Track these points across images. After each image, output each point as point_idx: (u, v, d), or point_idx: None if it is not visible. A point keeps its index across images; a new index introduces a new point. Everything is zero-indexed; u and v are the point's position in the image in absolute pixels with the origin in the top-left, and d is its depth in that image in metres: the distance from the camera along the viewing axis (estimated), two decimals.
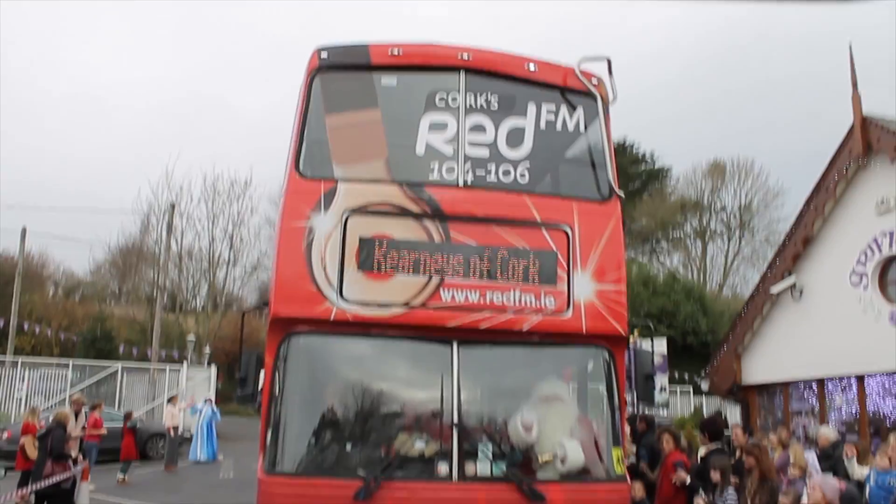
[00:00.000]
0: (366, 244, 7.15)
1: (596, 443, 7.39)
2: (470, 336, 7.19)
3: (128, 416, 23.77)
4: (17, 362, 33.78)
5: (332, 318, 7.00)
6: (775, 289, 20.99)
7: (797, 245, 20.78)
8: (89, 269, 55.33)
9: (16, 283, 37.74)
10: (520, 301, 7.21)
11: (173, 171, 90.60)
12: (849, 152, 19.23)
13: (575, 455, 7.06)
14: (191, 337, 42.15)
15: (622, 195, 7.74)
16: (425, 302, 7.10)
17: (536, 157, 7.77)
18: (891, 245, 18.51)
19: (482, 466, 6.96)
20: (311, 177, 7.49)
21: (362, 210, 7.25)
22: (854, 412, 19.66)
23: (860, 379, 19.58)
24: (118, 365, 35.65)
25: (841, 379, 19.99)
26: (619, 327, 7.37)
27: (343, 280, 7.08)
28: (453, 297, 7.13)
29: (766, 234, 56.09)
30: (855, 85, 18.95)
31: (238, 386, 7.42)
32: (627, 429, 10.91)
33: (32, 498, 13.38)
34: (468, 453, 6.95)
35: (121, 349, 38.29)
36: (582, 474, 7.13)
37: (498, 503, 6.77)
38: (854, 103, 19.01)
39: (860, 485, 10.31)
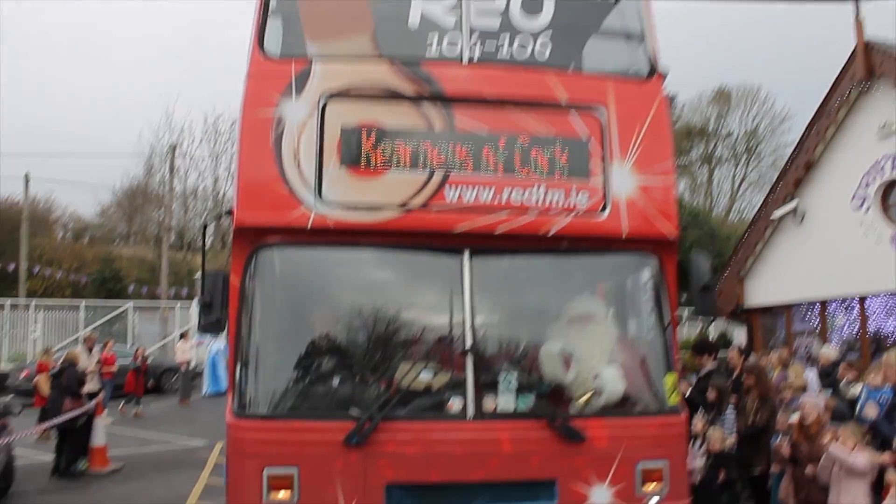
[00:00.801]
0: (349, 135, 5.30)
1: (644, 369, 5.68)
2: (484, 243, 5.40)
3: (136, 355, 22.20)
4: (29, 304, 32.18)
5: (309, 225, 5.20)
6: (777, 213, 19.31)
7: (799, 169, 19.09)
8: (96, 212, 52.99)
9: (23, 228, 35.79)
10: (544, 199, 5.38)
11: (174, 113, 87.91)
12: (851, 77, 17.58)
13: (617, 384, 5.39)
14: (198, 275, 40.36)
15: (666, 72, 5.80)
16: (427, 202, 5.27)
17: (559, 28, 5.83)
18: (893, 168, 16.96)
19: (504, 400, 5.24)
20: (279, 56, 5.62)
21: (344, 94, 5.40)
22: (855, 332, 18.44)
23: (861, 300, 18.29)
24: (129, 304, 34.02)
25: (843, 300, 18.64)
26: (667, 229, 5.53)
27: (322, 179, 5.26)
28: (461, 196, 5.29)
29: (773, 160, 52.79)
30: (857, 9, 17.03)
31: (202, 312, 5.58)
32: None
33: (53, 433, 13.08)
34: (486, 386, 5.24)
35: (130, 288, 36.64)
36: (628, 407, 5.48)
37: (525, 444, 5.11)
38: (857, 28, 17.22)
39: (852, 403, 9.34)
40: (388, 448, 4.95)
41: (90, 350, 16.42)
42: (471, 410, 5.09)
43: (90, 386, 14.42)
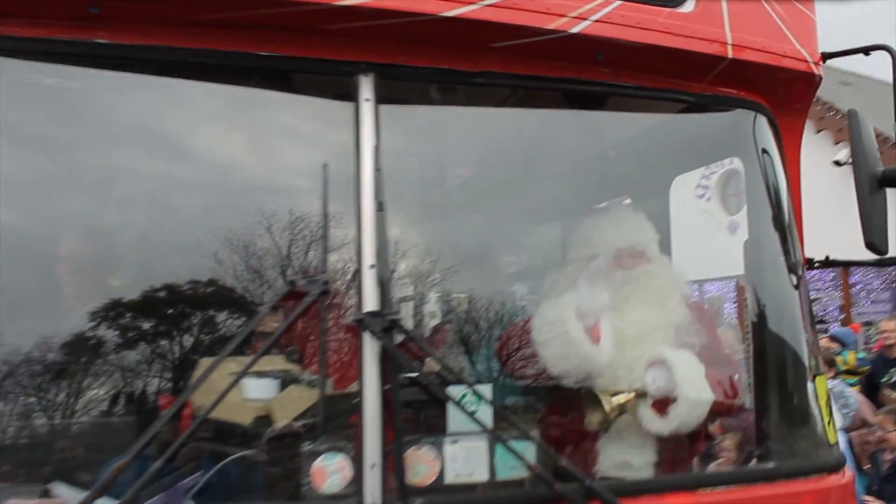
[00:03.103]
0: None
1: (765, 365, 2.69)
2: (414, 58, 2.18)
3: None
4: None
5: None
6: None
7: None
8: None
9: None
10: None
11: None
12: None
13: (701, 398, 2.31)
14: None
15: None
16: None
17: None
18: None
19: (458, 453, 2.08)
20: None
21: None
22: None
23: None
24: None
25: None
26: (805, 55, 2.51)
27: None
28: None
29: None
30: None
31: None
32: None
33: None
34: (415, 415, 2.17)
35: None
36: (735, 454, 2.59)
37: None
38: None
39: None
40: None
41: None
42: (374, 488, 1.92)
43: None
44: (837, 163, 12.43)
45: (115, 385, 2.20)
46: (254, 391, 2.18)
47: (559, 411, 2.44)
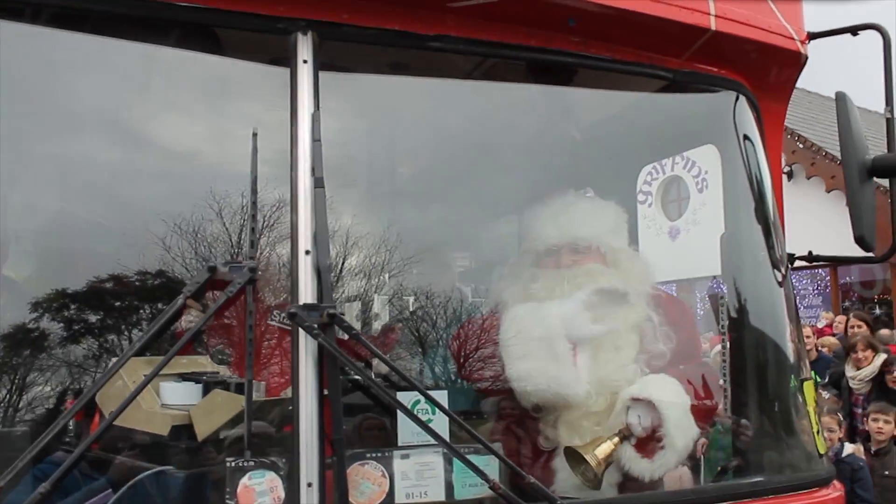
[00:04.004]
0: None
1: (744, 370, 2.47)
2: (348, 18, 1.90)
3: None
4: None
5: None
6: None
7: None
8: None
9: None
10: None
11: None
12: None
13: (679, 414, 2.09)
14: None
15: None
16: None
17: None
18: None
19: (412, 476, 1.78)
20: None
21: None
22: None
23: None
24: None
25: None
26: (792, 32, 2.32)
27: None
28: None
29: None
30: None
31: None
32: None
33: None
34: (366, 429, 1.94)
35: None
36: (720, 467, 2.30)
37: None
38: None
39: None
40: None
41: None
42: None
43: None
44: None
45: (5, 389, 1.89)
46: (171, 396, 1.88)
47: (525, 423, 2.18)
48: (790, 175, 12.77)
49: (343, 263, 2.15)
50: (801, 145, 12.71)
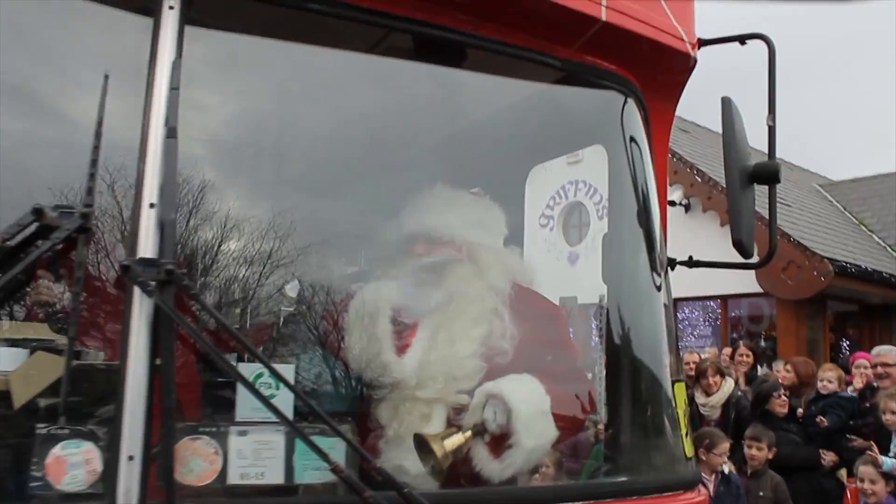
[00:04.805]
0: None
1: (615, 368, 2.45)
2: None
3: None
4: None
5: None
6: None
7: None
8: None
9: None
10: None
11: None
12: None
13: (538, 409, 2.07)
14: None
15: None
16: None
17: None
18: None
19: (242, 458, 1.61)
20: None
21: None
22: None
23: None
24: None
25: None
26: (682, 34, 2.34)
27: None
28: None
29: None
30: None
31: None
32: None
33: None
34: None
35: None
36: (565, 468, 2.27)
37: None
38: None
39: None
40: None
41: None
42: (130, 487, 1.48)
43: None
44: (672, 203, 13.09)
45: None
46: None
47: (370, 407, 2.08)
48: (687, 207, 13.19)
49: (191, 221, 2.00)
50: (699, 179, 13.11)
